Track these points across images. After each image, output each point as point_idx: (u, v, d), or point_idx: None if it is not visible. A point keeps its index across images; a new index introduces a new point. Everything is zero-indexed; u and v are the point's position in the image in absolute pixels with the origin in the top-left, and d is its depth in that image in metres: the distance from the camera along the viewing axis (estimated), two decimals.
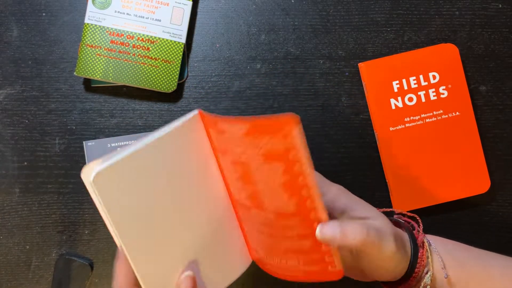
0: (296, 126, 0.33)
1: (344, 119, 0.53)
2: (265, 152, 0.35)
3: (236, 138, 0.36)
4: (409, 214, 0.45)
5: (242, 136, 0.36)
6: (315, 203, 0.36)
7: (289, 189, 0.36)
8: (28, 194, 0.53)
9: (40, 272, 0.53)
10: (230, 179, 0.40)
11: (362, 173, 0.53)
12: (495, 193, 0.54)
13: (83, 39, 0.51)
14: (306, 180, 0.35)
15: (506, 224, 0.54)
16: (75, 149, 0.53)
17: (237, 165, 0.38)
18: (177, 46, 0.52)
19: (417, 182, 0.52)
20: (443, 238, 0.44)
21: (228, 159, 0.39)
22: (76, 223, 0.53)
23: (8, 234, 0.53)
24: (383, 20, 0.54)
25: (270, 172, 0.36)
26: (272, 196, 0.37)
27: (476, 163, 0.52)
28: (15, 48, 0.53)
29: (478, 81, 0.54)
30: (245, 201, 0.39)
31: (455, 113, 0.52)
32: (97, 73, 0.51)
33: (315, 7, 0.54)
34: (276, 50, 0.53)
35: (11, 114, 0.53)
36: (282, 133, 0.34)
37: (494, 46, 0.54)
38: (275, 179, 0.36)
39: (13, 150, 0.53)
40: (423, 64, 0.52)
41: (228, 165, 0.39)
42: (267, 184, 0.37)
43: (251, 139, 0.35)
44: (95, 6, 0.51)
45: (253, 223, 0.40)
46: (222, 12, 0.54)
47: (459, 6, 0.54)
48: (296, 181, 0.35)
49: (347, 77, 0.53)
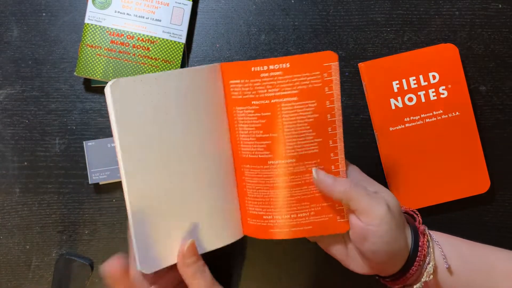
0: (336, 61, 0.39)
1: (344, 119, 0.53)
2: (302, 89, 0.40)
3: (272, 78, 0.39)
4: (409, 210, 0.45)
5: (281, 75, 0.39)
6: (337, 143, 0.41)
7: (316, 128, 0.40)
8: (28, 194, 0.53)
9: (40, 272, 0.53)
10: (246, 133, 0.41)
11: None
12: (495, 193, 0.54)
13: (83, 39, 0.51)
14: (334, 116, 0.40)
15: (506, 224, 0.54)
16: (75, 149, 0.53)
17: (265, 111, 0.40)
18: (177, 46, 0.52)
19: (417, 182, 0.52)
20: (446, 234, 0.44)
21: (251, 108, 0.41)
22: (76, 223, 0.53)
23: (8, 234, 0.53)
24: (383, 20, 0.54)
25: (301, 110, 0.40)
26: (298, 137, 0.40)
27: (476, 163, 0.52)
28: (15, 48, 0.53)
29: (478, 81, 0.54)
30: (261, 154, 0.41)
31: (455, 113, 0.52)
32: (97, 73, 0.51)
33: (315, 7, 0.54)
34: (276, 50, 0.53)
35: (11, 114, 0.53)
36: (322, 67, 0.39)
37: (494, 46, 0.54)
38: (305, 117, 0.40)
39: (13, 150, 0.53)
40: (423, 64, 0.52)
41: (248, 117, 0.41)
42: (295, 125, 0.40)
43: (289, 77, 0.39)
44: (95, 6, 0.51)
45: (265, 179, 0.42)
46: (222, 12, 0.54)
47: (459, 6, 0.54)
48: (325, 119, 0.40)
49: (347, 77, 0.53)
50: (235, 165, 0.43)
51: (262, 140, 0.41)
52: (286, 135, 0.40)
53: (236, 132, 0.42)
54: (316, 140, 0.41)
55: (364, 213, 0.39)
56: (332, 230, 0.42)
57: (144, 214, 0.38)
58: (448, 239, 0.43)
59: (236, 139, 0.42)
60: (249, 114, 0.41)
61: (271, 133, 0.40)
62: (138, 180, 0.37)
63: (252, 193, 0.42)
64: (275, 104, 0.40)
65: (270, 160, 0.41)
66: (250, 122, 0.41)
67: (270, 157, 0.41)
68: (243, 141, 0.42)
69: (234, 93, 0.41)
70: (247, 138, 0.41)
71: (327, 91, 0.40)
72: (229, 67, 0.41)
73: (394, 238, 0.39)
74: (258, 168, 0.42)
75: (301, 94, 0.40)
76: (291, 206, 0.42)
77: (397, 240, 0.39)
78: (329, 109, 0.40)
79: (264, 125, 0.41)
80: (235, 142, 0.42)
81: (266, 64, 0.39)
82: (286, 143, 0.41)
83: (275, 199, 0.42)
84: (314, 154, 0.41)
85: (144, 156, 0.38)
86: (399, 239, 0.39)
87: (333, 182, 0.40)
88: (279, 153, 0.41)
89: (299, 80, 0.39)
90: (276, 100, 0.40)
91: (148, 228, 0.38)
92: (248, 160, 0.42)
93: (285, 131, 0.40)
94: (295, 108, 0.40)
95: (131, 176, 0.37)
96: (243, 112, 0.41)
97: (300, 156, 0.41)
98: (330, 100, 0.40)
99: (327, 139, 0.41)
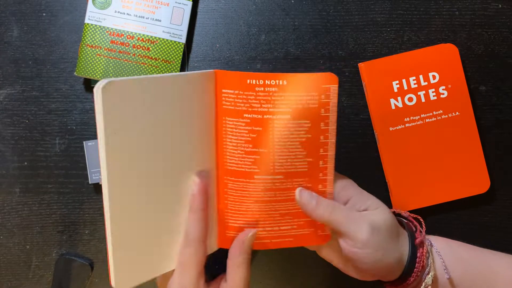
0: (336, 84, 0.38)
1: (344, 119, 0.53)
2: (296, 108, 0.38)
3: (267, 94, 0.38)
4: (413, 216, 0.45)
5: (277, 91, 0.38)
6: (327, 164, 0.40)
7: (308, 148, 0.39)
8: (28, 194, 0.53)
9: (40, 272, 0.53)
10: (235, 145, 0.40)
11: (362, 173, 0.53)
12: (495, 193, 0.54)
13: (83, 39, 0.51)
14: (327, 138, 0.39)
15: (506, 224, 0.54)
16: (75, 149, 0.53)
17: (256, 125, 0.39)
18: (177, 46, 0.52)
19: (417, 182, 0.52)
20: (447, 239, 0.44)
21: (242, 121, 0.39)
22: (76, 223, 0.53)
23: (8, 234, 0.53)
24: (383, 20, 0.54)
25: (294, 129, 0.39)
26: (289, 155, 0.39)
27: (476, 163, 0.52)
28: (15, 48, 0.53)
29: (478, 81, 0.54)
30: (248, 168, 0.40)
31: (455, 113, 0.52)
32: (97, 73, 0.51)
33: (315, 7, 0.54)
34: (276, 50, 0.53)
35: (11, 114, 0.53)
36: (320, 89, 0.38)
37: (494, 46, 0.54)
38: (297, 136, 0.39)
39: (13, 150, 0.53)
40: (423, 64, 0.52)
41: (238, 129, 0.40)
42: (286, 143, 0.39)
43: (285, 94, 0.38)
44: (95, 6, 0.51)
45: (249, 193, 0.40)
46: (222, 12, 0.54)
47: (459, 6, 0.54)
48: (317, 140, 0.39)
49: (347, 77, 0.54)
50: (218, 175, 0.41)
51: (251, 154, 0.40)
52: (276, 152, 0.39)
53: (223, 142, 0.40)
54: (307, 160, 0.40)
55: (346, 237, 0.39)
56: (313, 242, 0.42)
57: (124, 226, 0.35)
58: (449, 245, 0.43)
59: (222, 149, 0.41)
60: (239, 126, 0.39)
61: (261, 148, 0.39)
62: (121, 187, 0.35)
63: (234, 205, 0.41)
64: (267, 120, 0.39)
65: (257, 174, 0.40)
66: (240, 134, 0.40)
67: (257, 172, 0.40)
68: (230, 153, 0.40)
69: (226, 103, 0.39)
70: (234, 150, 0.40)
71: (323, 112, 0.39)
72: (224, 76, 0.39)
73: (382, 254, 0.39)
74: (243, 182, 0.40)
75: (296, 113, 0.39)
76: (274, 220, 0.41)
77: (387, 254, 0.39)
78: (323, 130, 0.39)
79: (254, 139, 0.39)
80: (221, 153, 0.41)
81: (263, 79, 0.38)
82: (275, 160, 0.39)
83: (258, 213, 0.41)
84: (303, 172, 0.40)
85: (129, 159, 0.35)
86: (390, 253, 0.39)
87: (315, 206, 0.39)
88: (267, 169, 0.40)
89: (295, 99, 0.38)
90: (269, 116, 0.39)
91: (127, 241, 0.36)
92: (233, 173, 0.41)
93: (275, 148, 0.39)
94: (287, 126, 0.39)
95: (115, 183, 0.34)
96: (234, 124, 0.40)
97: (288, 173, 0.40)
98: (325, 122, 0.39)
99: (317, 160, 0.40)
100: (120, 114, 0.34)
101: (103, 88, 0.32)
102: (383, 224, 0.39)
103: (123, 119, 0.34)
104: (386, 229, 0.39)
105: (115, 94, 0.33)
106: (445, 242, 0.43)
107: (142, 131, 0.35)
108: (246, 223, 0.41)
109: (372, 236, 0.38)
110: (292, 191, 0.41)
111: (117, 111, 0.34)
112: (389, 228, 0.40)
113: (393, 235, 0.40)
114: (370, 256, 0.38)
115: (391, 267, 0.39)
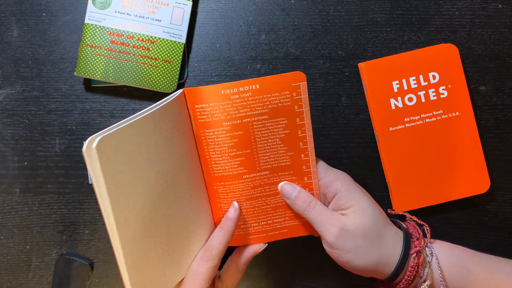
0: (304, 81, 0.41)
1: (344, 119, 0.53)
2: (272, 108, 0.41)
3: (242, 100, 0.40)
4: (419, 221, 0.45)
5: (251, 95, 0.40)
6: (309, 156, 0.43)
7: (288, 143, 0.42)
8: (28, 194, 0.53)
9: (40, 272, 0.53)
10: (218, 153, 0.42)
11: (362, 173, 0.53)
12: (495, 193, 0.54)
13: (83, 39, 0.51)
14: (304, 132, 0.42)
15: (506, 224, 0.54)
16: (75, 149, 0.53)
17: (237, 130, 0.41)
18: (177, 46, 0.52)
19: (417, 182, 0.52)
20: (450, 244, 0.43)
21: (222, 129, 0.41)
22: (76, 223, 0.53)
23: (8, 234, 0.53)
24: (383, 20, 0.54)
25: (272, 127, 0.42)
26: (271, 151, 0.42)
27: (476, 163, 0.52)
28: (15, 48, 0.53)
29: (478, 81, 0.54)
30: (236, 170, 0.42)
31: (455, 113, 0.52)
32: (97, 73, 0.51)
33: (315, 7, 0.54)
34: (276, 50, 0.53)
35: (11, 114, 0.53)
36: (290, 87, 0.41)
37: (494, 46, 0.54)
38: (276, 133, 0.42)
39: (13, 150, 0.53)
40: (423, 64, 0.52)
41: (219, 138, 0.42)
42: (267, 141, 0.42)
43: (259, 97, 0.41)
44: (95, 6, 0.51)
45: (240, 192, 0.43)
46: (222, 12, 0.54)
47: (459, 6, 0.54)
48: (296, 134, 0.42)
49: (347, 77, 0.53)
50: (207, 184, 0.44)
51: (236, 157, 0.42)
52: (259, 151, 0.42)
53: (206, 153, 0.42)
54: (289, 154, 0.43)
55: (320, 234, 0.41)
56: (307, 232, 0.45)
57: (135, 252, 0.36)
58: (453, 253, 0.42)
59: (206, 160, 0.43)
60: (220, 135, 0.41)
61: (244, 150, 0.42)
62: (125, 217, 0.35)
63: (228, 207, 0.44)
64: (247, 123, 0.41)
65: (245, 174, 0.43)
66: (222, 142, 0.42)
67: (245, 172, 0.42)
68: (215, 161, 0.42)
69: (202, 117, 0.41)
70: (219, 157, 0.42)
71: (297, 109, 0.41)
72: (193, 93, 0.41)
73: (353, 256, 0.39)
74: (233, 184, 0.43)
75: (272, 112, 0.41)
76: (267, 213, 0.44)
77: (360, 257, 0.39)
78: (300, 125, 0.42)
79: (237, 143, 0.42)
80: (206, 163, 0.43)
81: (236, 87, 0.40)
82: (259, 158, 0.42)
83: (252, 209, 0.44)
84: (287, 166, 0.43)
85: (129, 203, 0.36)
86: (364, 256, 0.39)
87: (293, 200, 0.42)
88: (253, 167, 0.42)
89: (269, 100, 0.41)
90: (247, 120, 0.41)
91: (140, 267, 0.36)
92: (222, 178, 0.43)
93: (258, 147, 0.42)
94: (266, 126, 0.42)
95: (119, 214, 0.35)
96: (214, 134, 0.42)
97: (273, 168, 0.43)
98: (300, 117, 0.42)
99: (299, 153, 0.43)
100: (115, 164, 0.34)
101: (98, 147, 0.32)
102: (358, 228, 0.39)
103: (118, 167, 0.34)
104: (361, 233, 0.39)
105: (106, 148, 0.33)
106: (449, 250, 0.43)
107: (134, 171, 0.36)
108: (242, 221, 0.44)
109: (339, 239, 0.39)
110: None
111: (113, 163, 0.34)
112: (365, 232, 0.40)
113: (371, 238, 0.40)
114: (340, 257, 0.40)
115: (369, 267, 0.40)
